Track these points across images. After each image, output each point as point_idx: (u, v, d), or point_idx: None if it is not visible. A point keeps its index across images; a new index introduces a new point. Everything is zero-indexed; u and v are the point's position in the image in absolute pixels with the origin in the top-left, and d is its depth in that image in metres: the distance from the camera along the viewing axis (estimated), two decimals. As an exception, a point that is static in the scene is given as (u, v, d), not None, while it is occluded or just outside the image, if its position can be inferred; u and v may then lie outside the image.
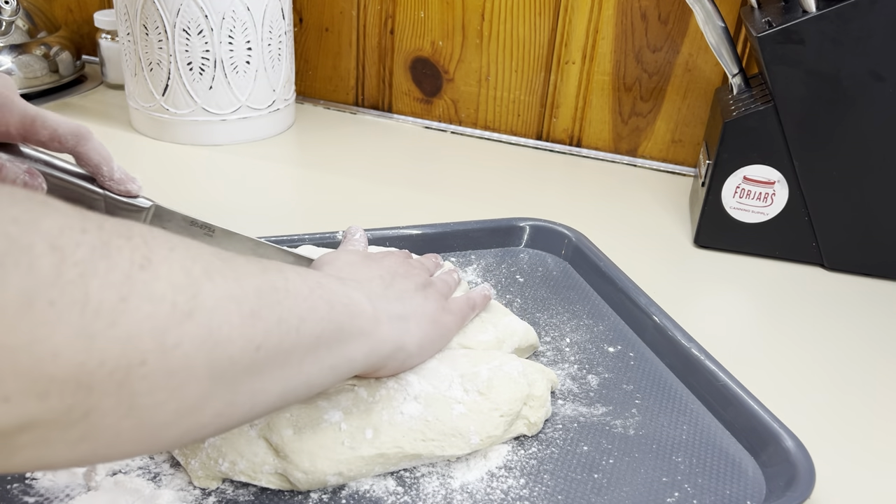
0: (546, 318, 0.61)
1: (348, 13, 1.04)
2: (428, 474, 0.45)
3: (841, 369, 0.58)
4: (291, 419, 0.43)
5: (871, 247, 0.70)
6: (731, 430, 0.49)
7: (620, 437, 0.48)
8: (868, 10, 0.62)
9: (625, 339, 0.58)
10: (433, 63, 1.02)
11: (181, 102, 0.90)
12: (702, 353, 0.53)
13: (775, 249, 0.73)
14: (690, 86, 0.91)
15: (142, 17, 0.86)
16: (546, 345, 0.57)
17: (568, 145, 1.00)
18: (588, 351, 0.57)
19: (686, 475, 0.46)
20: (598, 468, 0.46)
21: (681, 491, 0.44)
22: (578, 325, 0.60)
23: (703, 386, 0.52)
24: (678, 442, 0.48)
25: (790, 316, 0.65)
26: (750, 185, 0.71)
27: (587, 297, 0.64)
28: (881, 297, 0.68)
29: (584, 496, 0.44)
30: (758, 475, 0.46)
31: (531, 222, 0.72)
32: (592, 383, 0.53)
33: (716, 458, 0.47)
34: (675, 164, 0.95)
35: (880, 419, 0.53)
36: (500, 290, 0.65)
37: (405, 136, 1.01)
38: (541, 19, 0.94)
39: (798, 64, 0.65)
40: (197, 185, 0.83)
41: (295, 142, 0.97)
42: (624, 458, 0.47)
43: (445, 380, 0.47)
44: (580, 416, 0.50)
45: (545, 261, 0.70)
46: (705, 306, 0.67)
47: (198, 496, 0.42)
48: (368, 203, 0.80)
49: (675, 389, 0.53)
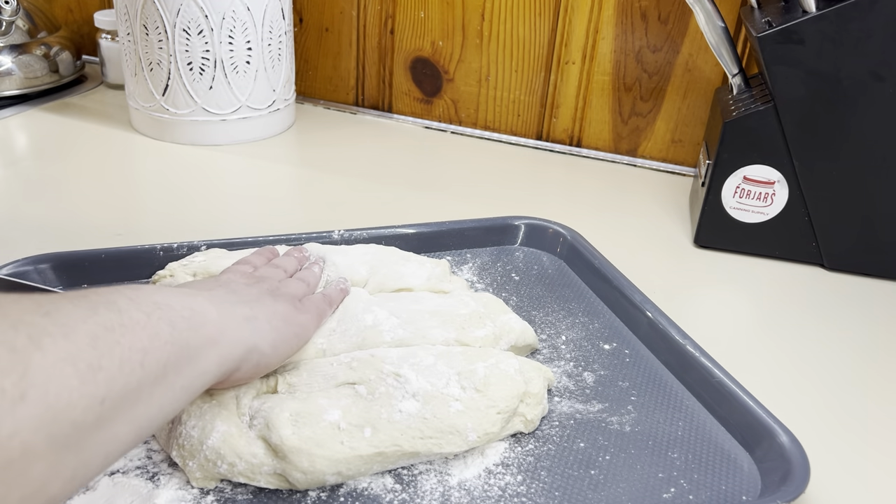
0: (542, 315, 0.61)
1: (348, 13, 1.04)
2: (426, 472, 0.45)
3: (840, 369, 0.58)
4: (290, 419, 0.43)
5: (871, 247, 0.70)
6: (727, 426, 0.49)
7: (617, 434, 0.49)
8: (868, 10, 0.62)
9: (620, 337, 0.59)
10: (433, 63, 1.02)
11: (181, 102, 0.90)
12: (697, 349, 0.53)
13: (775, 249, 0.73)
14: (690, 86, 0.91)
15: (142, 17, 0.86)
16: (542, 342, 0.57)
17: (568, 145, 1.00)
18: (584, 348, 0.57)
19: (682, 471, 0.46)
20: (594, 464, 0.46)
21: (677, 486, 0.45)
22: (574, 323, 0.60)
23: (699, 382, 0.52)
24: (674, 438, 0.48)
25: (790, 316, 0.65)
26: (750, 185, 0.71)
27: (582, 294, 0.64)
28: (881, 297, 0.68)
29: (581, 492, 0.44)
30: (753, 471, 0.46)
31: (526, 221, 0.72)
32: (588, 380, 0.54)
33: (711, 453, 0.47)
34: (675, 164, 0.95)
35: (879, 419, 0.53)
36: (495, 288, 0.65)
37: (405, 136, 1.01)
38: (541, 19, 0.94)
39: (798, 64, 0.65)
40: (197, 185, 0.83)
41: (295, 142, 0.97)
42: (620, 454, 0.47)
43: (443, 377, 0.47)
44: (576, 413, 0.50)
45: (540, 259, 0.70)
46: (705, 306, 0.66)
47: (196, 495, 0.42)
48: (368, 203, 0.80)
49: (671, 386, 0.53)
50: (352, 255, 0.60)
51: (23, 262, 0.59)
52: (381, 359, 0.48)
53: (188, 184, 0.83)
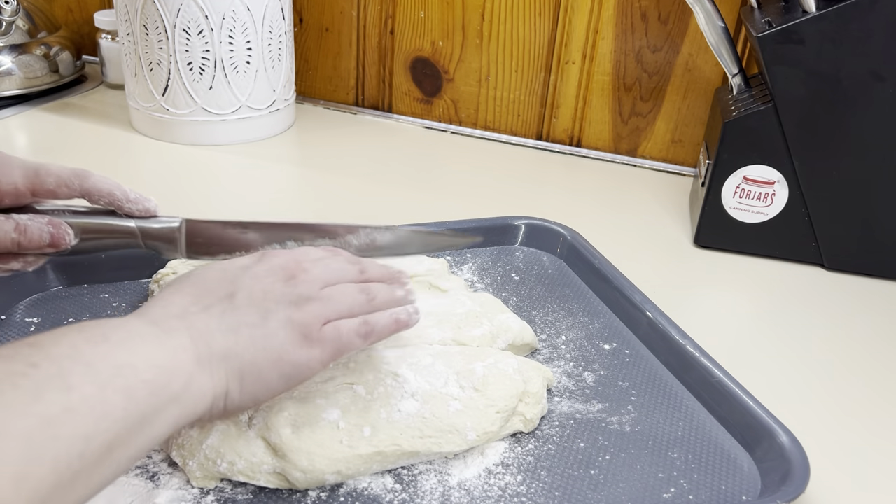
0: (542, 315, 0.61)
1: (348, 13, 1.04)
2: (426, 472, 0.45)
3: (840, 369, 0.58)
4: (290, 418, 0.43)
5: (871, 247, 0.70)
6: (727, 426, 0.50)
7: (616, 434, 0.49)
8: (868, 10, 0.62)
9: (620, 337, 0.59)
10: (433, 63, 1.02)
11: (181, 102, 0.90)
12: (697, 349, 0.54)
13: (775, 249, 0.73)
14: (690, 86, 0.91)
15: (142, 17, 0.86)
16: (542, 342, 0.58)
17: (568, 145, 0.99)
18: (584, 348, 0.57)
19: (682, 471, 0.46)
20: (594, 464, 0.46)
21: (677, 486, 0.45)
22: (574, 323, 0.60)
23: (699, 382, 0.52)
24: (674, 438, 0.48)
25: (790, 316, 0.65)
26: (750, 185, 0.71)
27: (582, 294, 0.64)
28: (881, 297, 0.68)
29: (581, 492, 0.44)
30: (753, 470, 0.46)
31: (526, 221, 0.72)
32: (588, 380, 0.54)
33: (711, 453, 0.47)
34: (675, 164, 0.95)
35: (879, 419, 0.53)
36: (496, 288, 0.65)
37: (405, 136, 1.01)
38: (541, 19, 0.94)
39: (798, 64, 0.65)
40: (197, 185, 0.83)
41: (295, 142, 0.97)
42: (620, 454, 0.47)
43: (441, 377, 0.47)
44: (576, 413, 0.50)
45: (540, 259, 0.70)
46: (705, 306, 0.66)
47: (196, 495, 0.42)
48: (368, 203, 0.80)
49: (671, 386, 0.53)
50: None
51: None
52: (378, 359, 0.48)
53: (188, 184, 0.83)
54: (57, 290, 0.60)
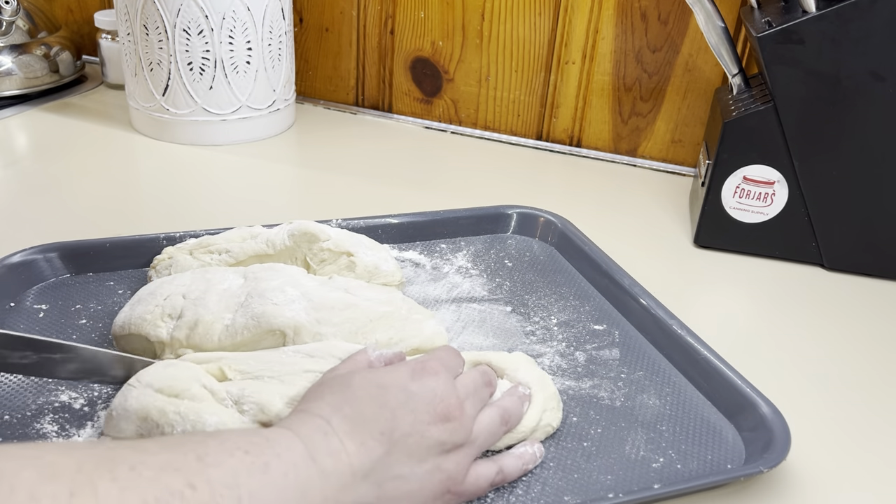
0: (534, 299, 0.63)
1: (348, 13, 1.04)
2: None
3: (840, 368, 0.58)
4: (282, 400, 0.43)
5: (871, 247, 0.70)
6: (712, 399, 0.52)
7: (607, 409, 0.51)
8: (868, 10, 0.62)
9: (610, 318, 0.61)
10: (433, 63, 1.02)
11: (181, 102, 0.90)
12: (683, 328, 0.56)
13: (775, 249, 0.73)
14: (690, 86, 0.91)
15: (142, 17, 0.86)
16: (535, 325, 0.60)
17: (568, 145, 1.00)
18: (575, 329, 0.59)
19: (670, 442, 0.48)
20: (587, 437, 0.48)
21: (665, 457, 0.47)
22: (566, 306, 0.62)
23: (685, 360, 0.55)
24: (662, 412, 0.51)
25: (790, 316, 0.65)
26: (750, 185, 0.71)
27: (573, 279, 0.67)
28: (881, 297, 0.68)
29: (575, 462, 0.46)
30: (737, 441, 0.49)
31: (518, 210, 0.74)
32: (580, 359, 0.56)
33: (698, 426, 0.50)
34: (675, 164, 0.95)
35: (879, 419, 0.53)
36: (489, 274, 0.67)
37: (405, 136, 1.01)
38: (541, 19, 0.94)
39: (798, 64, 0.65)
40: (197, 185, 0.83)
41: (295, 142, 0.97)
42: (611, 427, 0.49)
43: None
44: (569, 390, 0.52)
45: (532, 246, 0.72)
46: (705, 306, 0.66)
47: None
48: (368, 203, 0.80)
49: (659, 363, 0.56)
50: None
51: (31, 251, 0.61)
52: (337, 346, 0.48)
53: (188, 184, 0.83)
54: (64, 277, 0.62)
